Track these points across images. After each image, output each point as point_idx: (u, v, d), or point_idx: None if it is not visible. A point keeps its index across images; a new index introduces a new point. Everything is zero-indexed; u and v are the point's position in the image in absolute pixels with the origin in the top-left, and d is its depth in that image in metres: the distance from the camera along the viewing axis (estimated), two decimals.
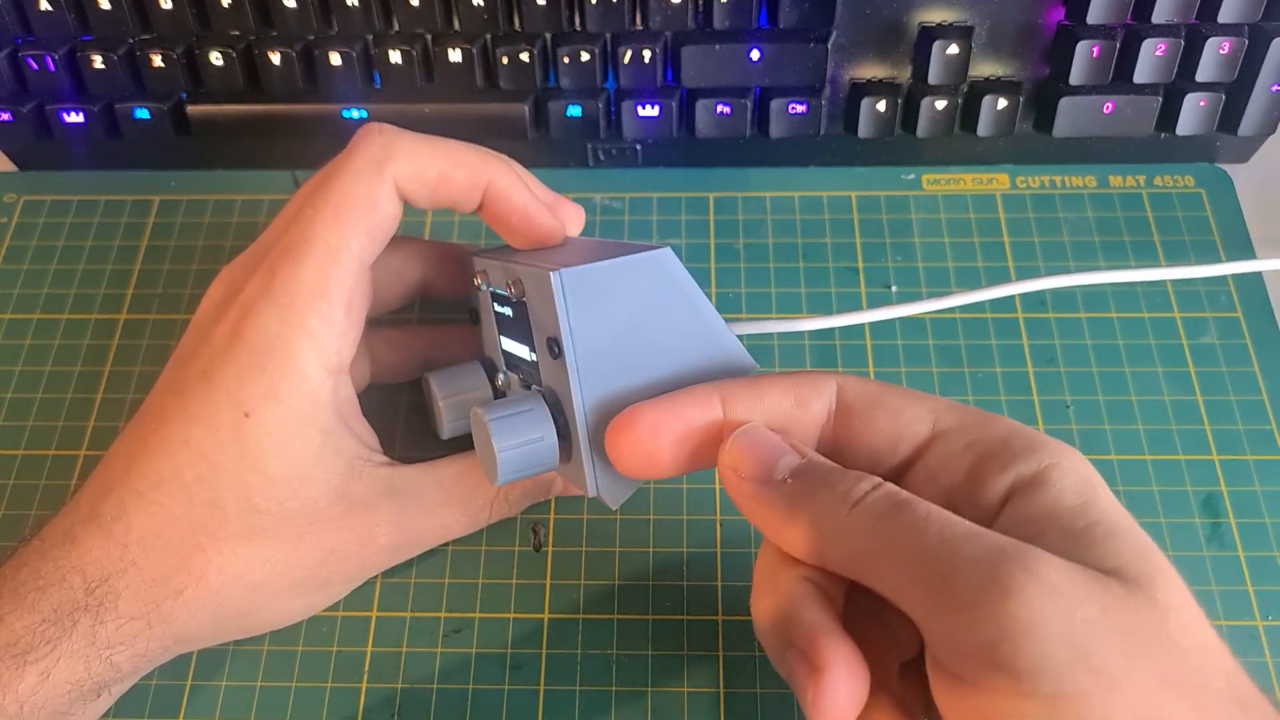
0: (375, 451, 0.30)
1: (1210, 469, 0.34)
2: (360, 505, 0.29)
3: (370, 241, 0.28)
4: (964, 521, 0.21)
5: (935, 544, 0.20)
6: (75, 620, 0.26)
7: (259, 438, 0.27)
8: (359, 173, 0.28)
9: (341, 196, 0.28)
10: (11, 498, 0.35)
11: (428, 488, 0.30)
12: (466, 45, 0.37)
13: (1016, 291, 0.36)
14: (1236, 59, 0.37)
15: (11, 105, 0.39)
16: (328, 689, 0.31)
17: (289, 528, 0.28)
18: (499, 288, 0.29)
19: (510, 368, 0.31)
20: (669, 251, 0.26)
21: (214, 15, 0.38)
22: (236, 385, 0.27)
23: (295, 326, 0.27)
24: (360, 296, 0.29)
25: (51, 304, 0.39)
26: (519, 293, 0.27)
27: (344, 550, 0.29)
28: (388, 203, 0.28)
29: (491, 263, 0.30)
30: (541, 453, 0.26)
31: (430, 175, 0.28)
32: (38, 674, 0.25)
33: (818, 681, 0.21)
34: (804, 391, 0.25)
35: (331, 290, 0.27)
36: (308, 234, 0.27)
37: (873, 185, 0.41)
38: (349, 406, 0.29)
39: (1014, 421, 0.23)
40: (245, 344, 0.27)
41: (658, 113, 0.38)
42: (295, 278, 0.27)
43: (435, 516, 0.30)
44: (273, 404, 0.27)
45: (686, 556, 0.33)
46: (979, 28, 0.37)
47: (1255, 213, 0.40)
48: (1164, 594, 0.20)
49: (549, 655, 0.31)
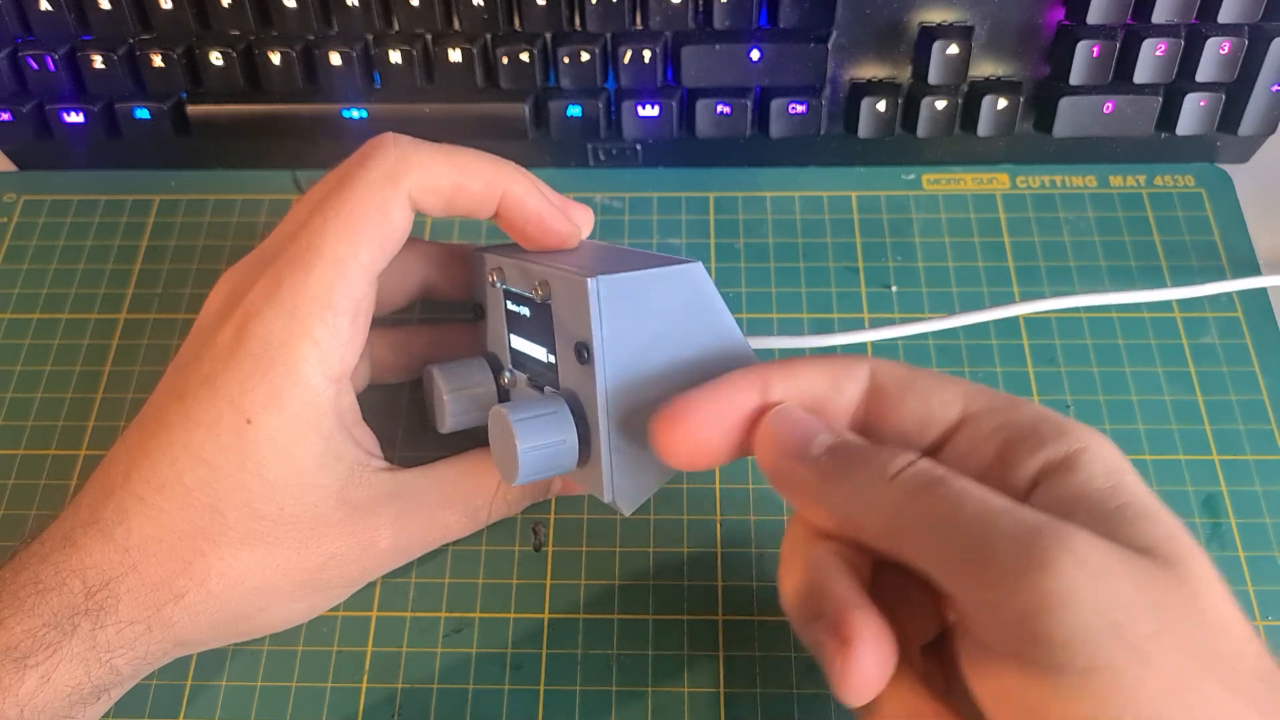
0: (375, 456, 0.30)
1: (1210, 469, 0.34)
2: (361, 510, 0.29)
3: (380, 253, 0.28)
4: (1000, 496, 0.21)
5: (972, 518, 0.21)
6: (75, 624, 0.26)
7: (261, 444, 0.27)
8: (372, 184, 0.28)
9: (354, 206, 0.28)
10: (11, 498, 0.35)
11: (427, 490, 0.30)
12: (467, 45, 0.37)
13: (1021, 313, 0.36)
14: (1236, 59, 0.37)
15: (12, 105, 0.39)
16: (328, 689, 0.31)
17: (290, 533, 0.28)
18: (518, 287, 0.29)
19: (517, 366, 0.31)
20: (700, 266, 0.27)
21: (214, 15, 0.38)
22: (239, 391, 0.27)
23: (300, 334, 0.27)
24: (366, 306, 0.29)
25: (51, 303, 0.39)
26: (545, 295, 0.27)
27: (345, 554, 0.29)
28: (399, 215, 0.28)
29: (507, 261, 0.30)
30: (561, 455, 0.27)
31: (444, 186, 0.28)
32: (38, 678, 0.25)
33: (846, 653, 0.21)
34: (838, 375, 0.25)
35: (337, 300, 0.27)
36: (316, 242, 0.27)
37: (873, 185, 0.41)
38: (350, 413, 0.29)
39: (1042, 406, 0.24)
40: (248, 350, 0.27)
41: (658, 113, 0.38)
42: (302, 285, 0.27)
43: (435, 518, 0.30)
44: (275, 411, 0.27)
45: (686, 556, 0.33)
46: (979, 28, 0.37)
47: (1255, 213, 0.40)
48: (1195, 574, 0.20)
49: (549, 655, 0.31)
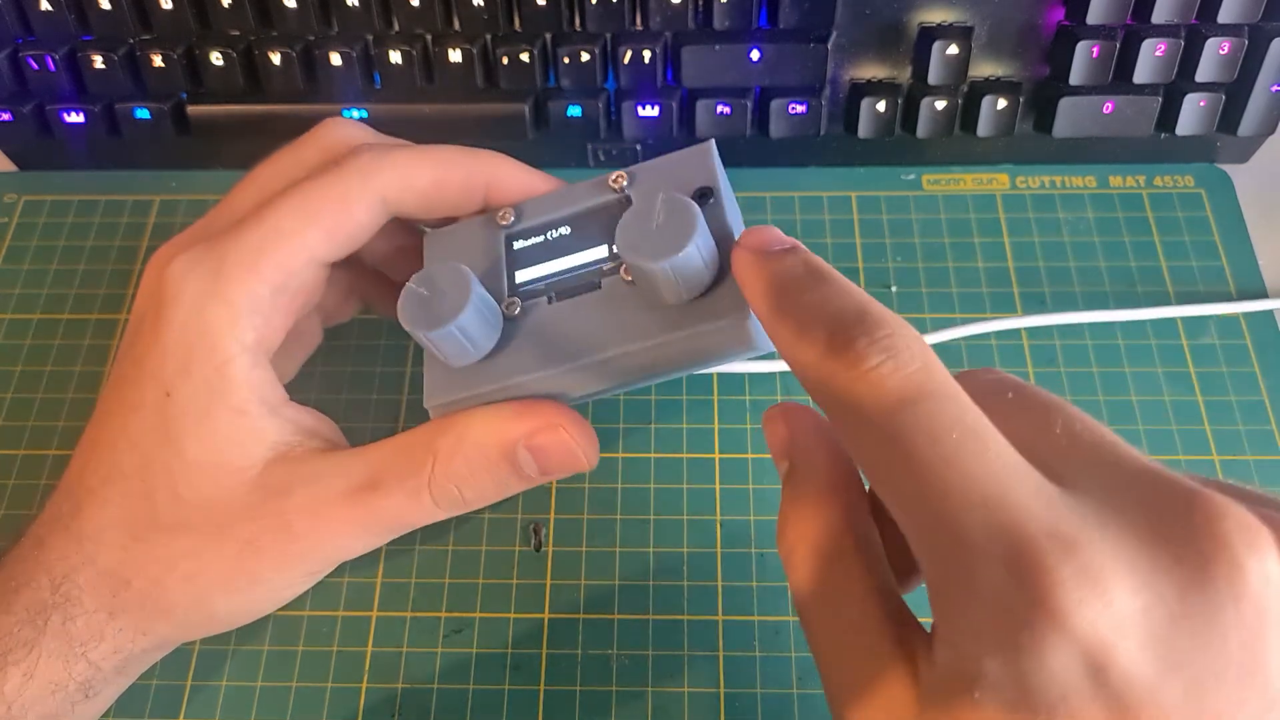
0: (314, 437, 0.28)
1: (1210, 469, 0.34)
2: (276, 493, 0.26)
3: (328, 239, 0.27)
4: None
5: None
6: (47, 619, 0.26)
7: (177, 417, 0.26)
8: (341, 177, 0.27)
9: (314, 189, 0.27)
10: (12, 497, 0.35)
11: (354, 470, 0.27)
12: (467, 45, 0.37)
13: (1022, 325, 0.36)
14: (1236, 59, 0.37)
15: (12, 105, 0.39)
16: (328, 689, 0.31)
17: (209, 518, 0.27)
18: (551, 213, 0.28)
19: (526, 295, 0.27)
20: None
21: (214, 15, 0.38)
22: (159, 365, 0.26)
23: (214, 295, 0.26)
24: (299, 286, 0.27)
25: (52, 304, 0.39)
26: (625, 184, 0.28)
27: (260, 541, 0.26)
28: (362, 210, 0.27)
29: (517, 205, 0.29)
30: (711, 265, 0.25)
31: (421, 183, 0.28)
32: (21, 674, 0.25)
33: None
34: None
35: (265, 268, 0.26)
36: (261, 213, 0.27)
37: (873, 185, 0.41)
38: (271, 389, 0.27)
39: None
40: (165, 319, 0.26)
41: (658, 113, 0.38)
42: (231, 248, 0.26)
43: (362, 500, 0.26)
44: (186, 377, 0.26)
45: (687, 556, 0.33)
46: (979, 28, 0.37)
47: (1255, 213, 0.40)
48: None
49: (549, 655, 0.31)
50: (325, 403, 0.30)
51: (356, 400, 0.36)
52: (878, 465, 0.20)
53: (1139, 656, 0.16)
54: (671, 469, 0.35)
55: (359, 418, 0.36)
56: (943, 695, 0.18)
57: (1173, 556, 0.17)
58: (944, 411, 0.19)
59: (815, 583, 0.21)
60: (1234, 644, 0.16)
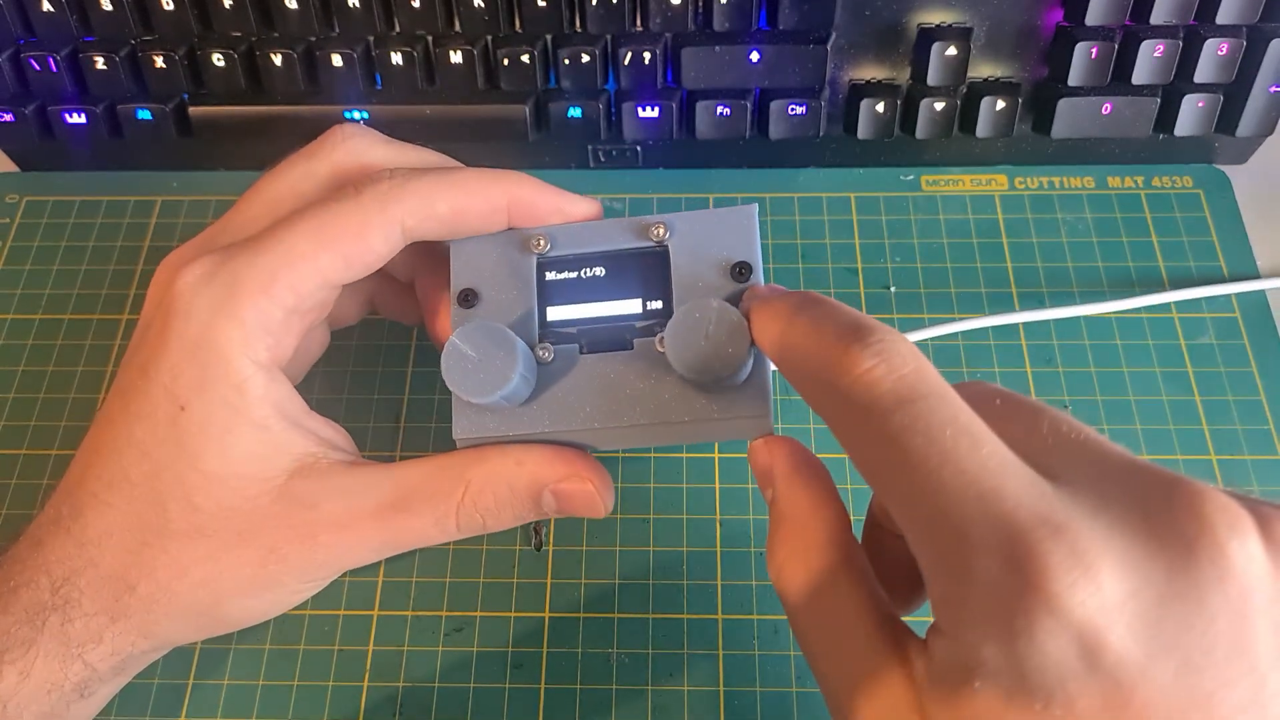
0: (338, 449, 0.28)
1: (1208, 469, 0.34)
2: (301, 504, 0.27)
3: (342, 264, 0.27)
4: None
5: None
6: (45, 619, 0.26)
7: (194, 433, 0.26)
8: (360, 204, 0.27)
9: (332, 216, 0.27)
10: (14, 497, 0.35)
11: (383, 489, 0.28)
12: (467, 47, 0.37)
13: (1020, 320, 0.36)
14: (1235, 60, 0.37)
15: (14, 106, 0.39)
16: (329, 688, 0.31)
17: (228, 525, 0.27)
18: (581, 249, 0.28)
19: (556, 339, 0.28)
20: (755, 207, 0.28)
21: (216, 16, 0.38)
22: (171, 378, 0.26)
23: (227, 315, 0.26)
24: (311, 307, 0.28)
25: (54, 304, 0.39)
26: (663, 236, 0.28)
27: (285, 549, 0.27)
28: (379, 239, 0.27)
29: (552, 228, 0.29)
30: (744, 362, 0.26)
31: (442, 211, 0.28)
32: (17, 674, 0.25)
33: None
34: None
35: (278, 290, 0.26)
36: (277, 233, 0.27)
37: (872, 186, 0.41)
38: (290, 402, 0.28)
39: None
40: (175, 331, 0.26)
41: (658, 114, 0.39)
42: (246, 266, 0.26)
43: (389, 519, 0.27)
44: (203, 395, 0.26)
45: (686, 556, 0.33)
46: (978, 29, 0.38)
47: (1253, 213, 0.40)
48: None
49: (550, 654, 0.32)
50: (326, 402, 0.30)
51: (358, 400, 0.36)
52: (876, 465, 0.20)
53: (1130, 638, 0.17)
54: (671, 468, 0.35)
55: (360, 417, 0.36)
56: (943, 688, 0.18)
57: (1159, 541, 0.17)
58: (938, 410, 0.19)
59: (807, 595, 0.22)
60: (1221, 623, 0.17)
